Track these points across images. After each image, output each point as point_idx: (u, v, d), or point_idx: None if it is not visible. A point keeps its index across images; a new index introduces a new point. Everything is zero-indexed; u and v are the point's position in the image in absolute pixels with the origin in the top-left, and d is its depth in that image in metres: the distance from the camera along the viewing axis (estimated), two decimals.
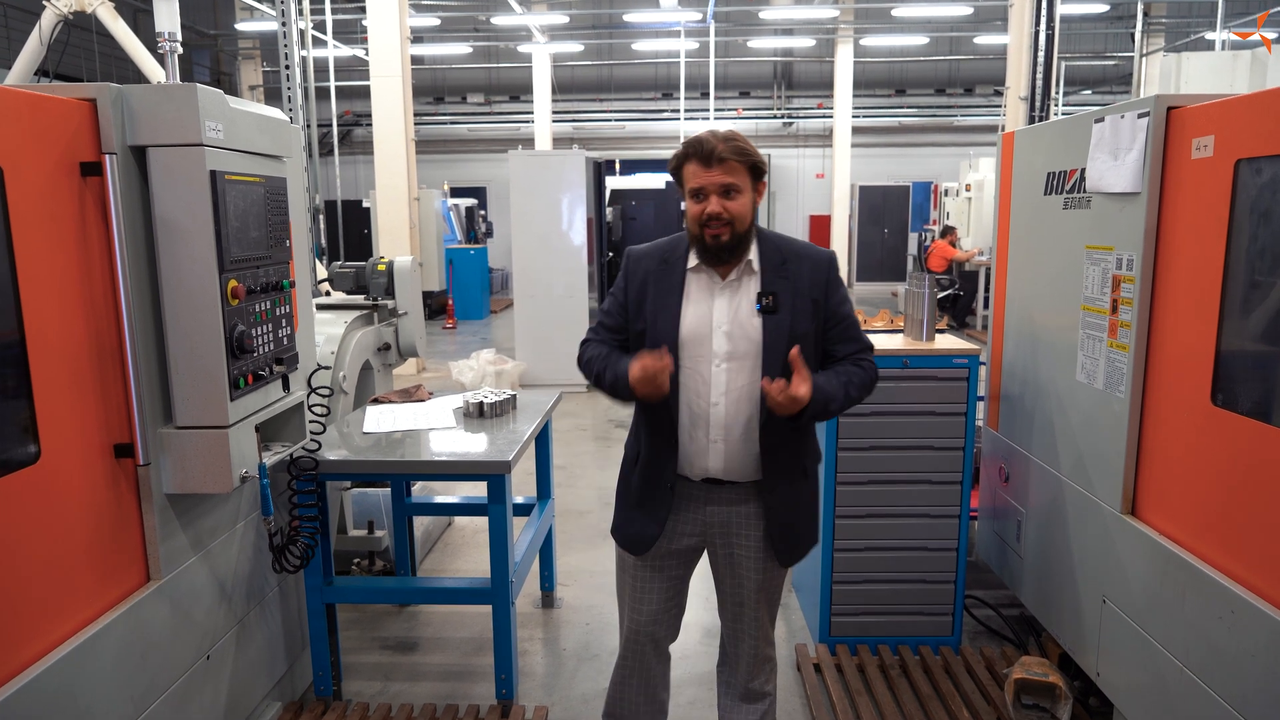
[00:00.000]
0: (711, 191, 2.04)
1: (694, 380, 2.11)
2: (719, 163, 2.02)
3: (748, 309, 2.10)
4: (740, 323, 2.10)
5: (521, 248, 7.99)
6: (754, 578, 2.26)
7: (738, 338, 2.09)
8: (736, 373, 2.09)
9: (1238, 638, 2.07)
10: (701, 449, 2.13)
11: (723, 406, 2.09)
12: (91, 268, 2.06)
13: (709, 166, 2.03)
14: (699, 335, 2.10)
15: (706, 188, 2.04)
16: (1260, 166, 2.08)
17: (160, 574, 2.26)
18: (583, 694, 3.17)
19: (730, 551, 2.25)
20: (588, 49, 18.58)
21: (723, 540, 2.24)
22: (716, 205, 2.03)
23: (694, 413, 2.12)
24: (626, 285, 2.22)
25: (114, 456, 2.13)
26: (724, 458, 2.13)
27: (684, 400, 2.12)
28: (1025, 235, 3.30)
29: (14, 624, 1.82)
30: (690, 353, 2.11)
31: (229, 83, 18.63)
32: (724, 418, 2.10)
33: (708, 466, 2.15)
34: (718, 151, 2.01)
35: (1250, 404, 2.16)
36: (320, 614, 2.99)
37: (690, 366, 2.11)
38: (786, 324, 2.09)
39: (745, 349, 2.09)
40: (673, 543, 2.25)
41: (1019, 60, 9.63)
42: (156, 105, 2.11)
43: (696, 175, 2.05)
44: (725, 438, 2.11)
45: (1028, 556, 3.24)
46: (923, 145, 19.77)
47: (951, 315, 11.36)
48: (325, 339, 3.78)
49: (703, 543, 2.27)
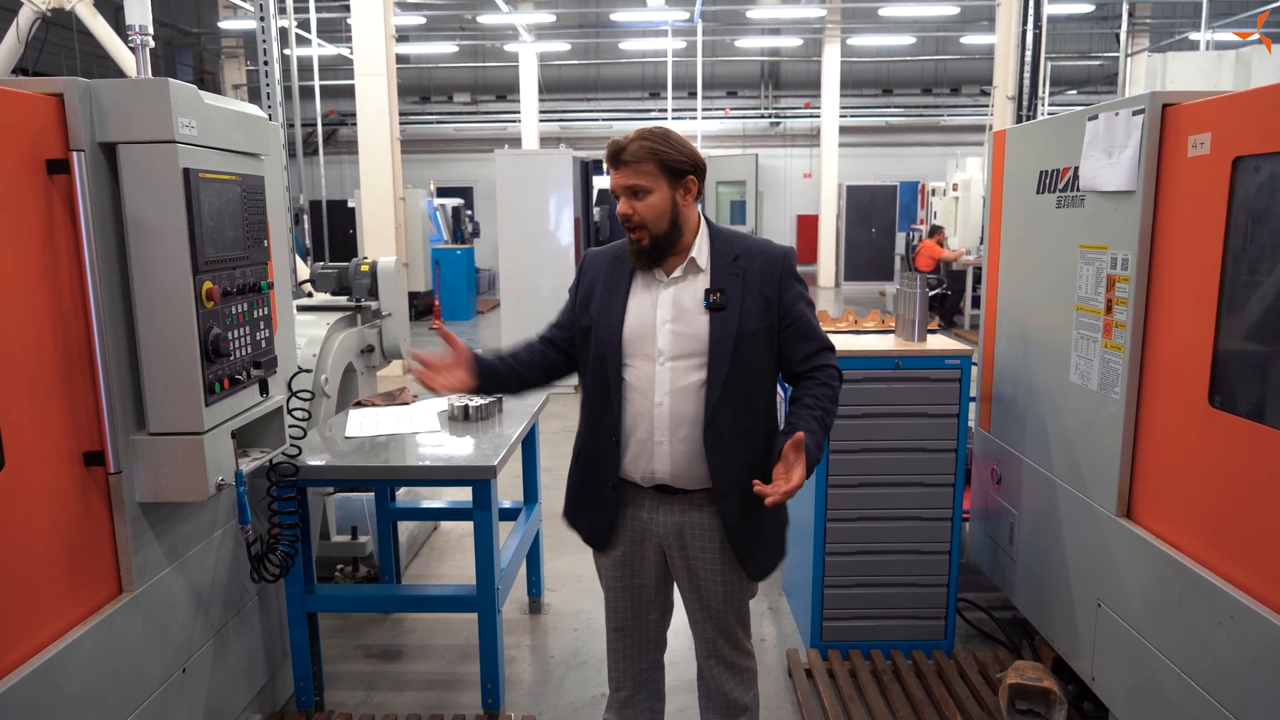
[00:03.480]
0: (619, 193, 2.01)
1: (638, 379, 2.05)
2: (624, 164, 1.98)
3: (694, 306, 2.04)
4: (688, 320, 2.04)
5: (508, 248, 7.93)
6: (718, 591, 2.17)
7: (683, 335, 2.03)
8: (682, 371, 2.03)
9: (1237, 644, 2.04)
10: (647, 451, 2.06)
11: (667, 406, 2.03)
12: (59, 269, 1.98)
13: (616, 168, 2.00)
14: (642, 333, 2.05)
15: (615, 189, 2.02)
16: (1259, 164, 2.05)
17: (133, 585, 2.19)
18: (571, 702, 3.12)
19: (689, 564, 2.17)
20: (575, 48, 18.52)
21: (680, 552, 2.16)
22: (624, 206, 2.00)
23: (638, 412, 2.05)
24: (579, 283, 2.20)
25: (84, 464, 2.06)
26: (670, 460, 2.06)
27: (628, 400, 2.06)
28: (1017, 235, 3.27)
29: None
30: (633, 350, 2.06)
31: (212, 81, 18.48)
32: (669, 417, 2.04)
33: (654, 471, 2.07)
34: (624, 153, 1.98)
35: (1249, 405, 2.12)
36: (301, 623, 2.92)
37: (634, 365, 2.06)
38: (734, 321, 2.02)
39: (691, 347, 2.03)
40: (628, 548, 2.19)
41: (1006, 60, 9.65)
42: (127, 100, 2.04)
43: (610, 176, 2.03)
44: (671, 438, 2.05)
45: (1020, 559, 3.21)
46: (910, 145, 19.83)
47: (939, 315, 11.36)
48: (307, 341, 3.71)
49: (660, 552, 2.20)
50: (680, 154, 2.00)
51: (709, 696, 2.34)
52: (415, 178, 16.90)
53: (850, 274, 17.27)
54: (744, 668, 2.30)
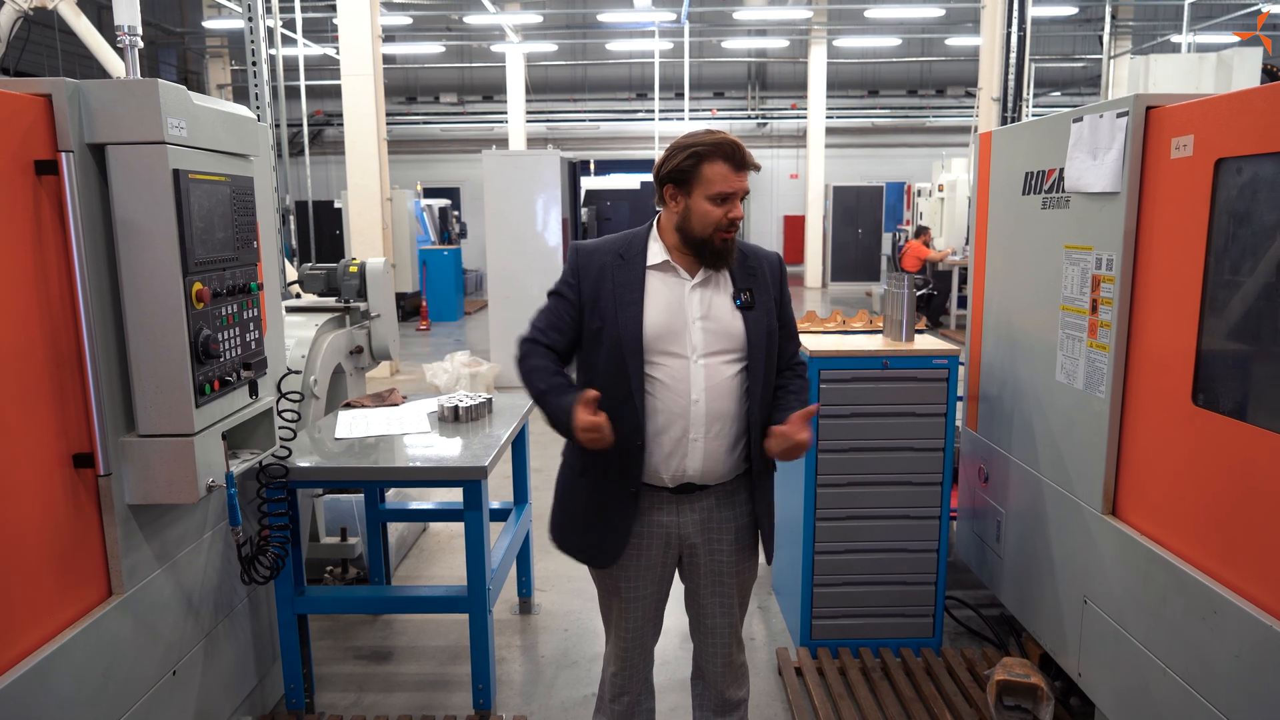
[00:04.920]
0: (740, 196, 2.03)
1: (669, 377, 2.04)
2: (745, 169, 2.02)
3: (725, 305, 2.08)
4: (719, 318, 2.07)
5: (496, 248, 7.92)
6: (732, 582, 2.23)
7: (717, 334, 2.06)
8: (717, 367, 2.06)
9: (1221, 639, 2.07)
10: (681, 449, 2.06)
11: (704, 403, 2.04)
12: (47, 271, 1.97)
13: (739, 170, 2.00)
14: (671, 332, 2.04)
15: (737, 192, 2.02)
16: (1240, 166, 2.08)
17: (123, 588, 2.18)
18: (562, 702, 3.12)
19: (711, 559, 2.19)
20: (561, 49, 18.51)
21: (704, 549, 2.18)
22: (739, 209, 2.04)
23: (671, 412, 2.04)
24: (579, 283, 2.10)
25: (73, 466, 2.05)
26: (703, 457, 2.07)
27: (658, 399, 2.04)
28: (1003, 235, 3.30)
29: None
30: (660, 350, 2.04)
31: (196, 81, 18.35)
32: (705, 414, 2.05)
33: (685, 469, 2.08)
34: (750, 159, 2.01)
35: (1232, 404, 2.15)
36: (291, 625, 2.91)
37: (662, 363, 2.04)
38: (764, 320, 2.11)
39: (726, 345, 2.07)
40: (645, 554, 2.17)
41: (991, 61, 9.71)
42: (116, 101, 2.03)
43: (727, 179, 1.99)
44: (706, 435, 2.06)
45: (1007, 557, 3.24)
46: (896, 146, 19.93)
47: (926, 315, 11.43)
48: (296, 342, 3.70)
49: (676, 554, 2.20)
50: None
51: (705, 695, 2.36)
52: (401, 178, 16.87)
53: (837, 274, 17.34)
54: (741, 664, 2.34)
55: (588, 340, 2.11)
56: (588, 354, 2.12)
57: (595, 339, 2.08)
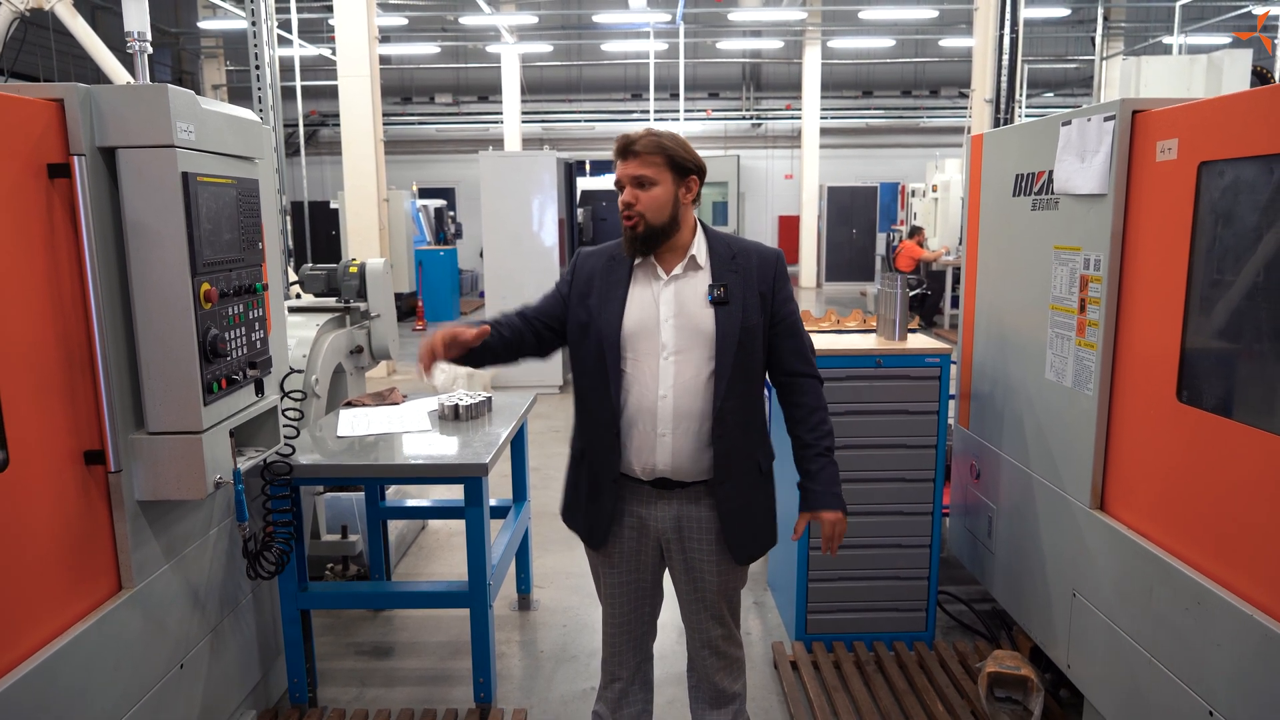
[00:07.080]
0: (625, 183, 2.10)
1: (640, 374, 2.11)
2: (633, 155, 2.08)
3: (697, 301, 2.12)
4: (689, 315, 2.11)
5: (492, 249, 7.95)
6: (713, 581, 2.24)
7: (686, 330, 2.10)
8: (684, 365, 2.10)
9: (1204, 628, 2.12)
10: (649, 444, 2.12)
11: (671, 400, 2.09)
12: (60, 272, 2.02)
13: (624, 159, 2.11)
14: (644, 329, 2.11)
15: (622, 179, 2.11)
16: (1222, 169, 2.13)
17: (132, 582, 2.23)
18: (561, 696, 3.17)
19: (685, 556, 2.23)
20: (557, 49, 18.54)
21: (678, 545, 2.23)
22: (628, 195, 2.09)
23: (641, 407, 2.11)
24: (572, 280, 2.24)
25: (84, 463, 2.10)
26: (672, 453, 2.12)
27: (631, 395, 2.12)
28: (994, 236, 3.35)
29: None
30: (635, 346, 2.12)
31: (191, 81, 18.32)
32: (672, 411, 2.10)
33: (656, 464, 2.13)
34: (635, 144, 2.08)
35: (1214, 400, 2.21)
36: (295, 620, 2.96)
37: (636, 359, 2.11)
38: (738, 316, 2.11)
39: (695, 341, 2.10)
40: (627, 544, 2.24)
41: (984, 62, 9.78)
42: (126, 106, 2.08)
43: (617, 168, 2.13)
44: (674, 431, 2.11)
45: (998, 552, 3.30)
46: (890, 146, 20.00)
47: (919, 314, 11.50)
48: (297, 342, 3.74)
49: (658, 545, 2.26)
50: (687, 154, 2.12)
51: (699, 687, 2.40)
52: (397, 178, 16.85)
53: (831, 274, 17.41)
54: (735, 657, 2.37)
55: (577, 335, 2.20)
56: (576, 349, 2.22)
57: (583, 334, 2.18)
